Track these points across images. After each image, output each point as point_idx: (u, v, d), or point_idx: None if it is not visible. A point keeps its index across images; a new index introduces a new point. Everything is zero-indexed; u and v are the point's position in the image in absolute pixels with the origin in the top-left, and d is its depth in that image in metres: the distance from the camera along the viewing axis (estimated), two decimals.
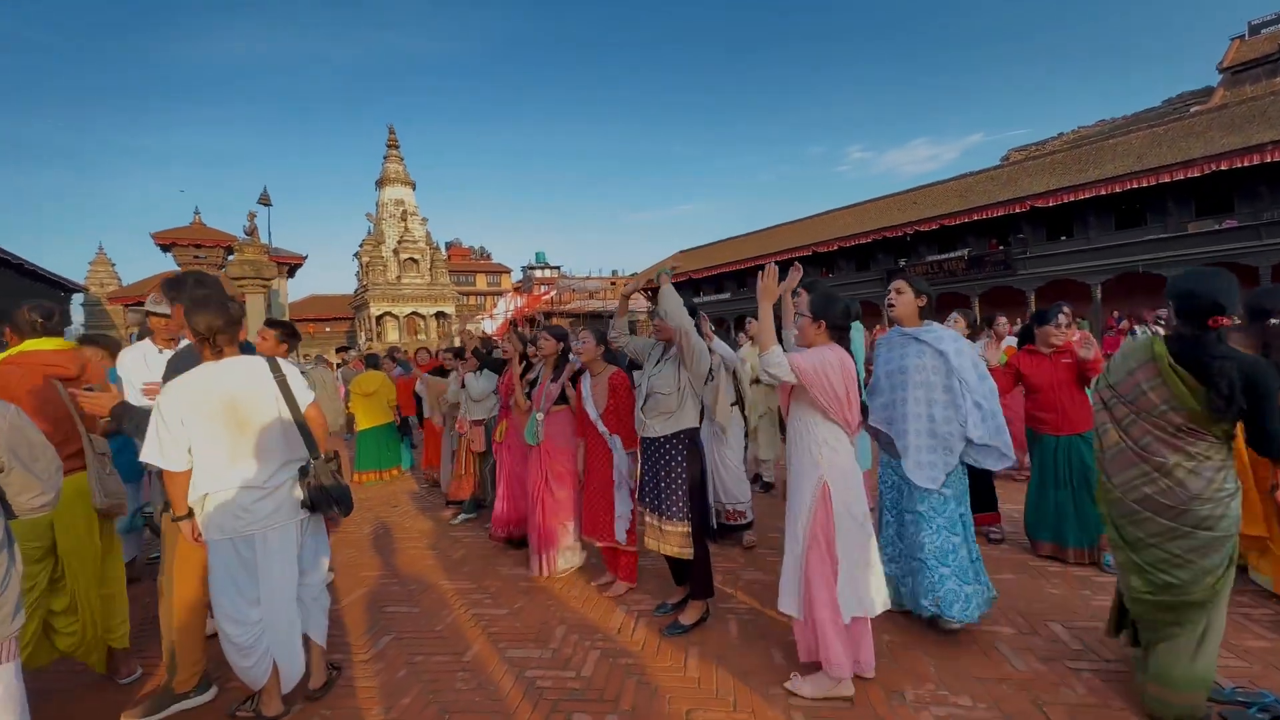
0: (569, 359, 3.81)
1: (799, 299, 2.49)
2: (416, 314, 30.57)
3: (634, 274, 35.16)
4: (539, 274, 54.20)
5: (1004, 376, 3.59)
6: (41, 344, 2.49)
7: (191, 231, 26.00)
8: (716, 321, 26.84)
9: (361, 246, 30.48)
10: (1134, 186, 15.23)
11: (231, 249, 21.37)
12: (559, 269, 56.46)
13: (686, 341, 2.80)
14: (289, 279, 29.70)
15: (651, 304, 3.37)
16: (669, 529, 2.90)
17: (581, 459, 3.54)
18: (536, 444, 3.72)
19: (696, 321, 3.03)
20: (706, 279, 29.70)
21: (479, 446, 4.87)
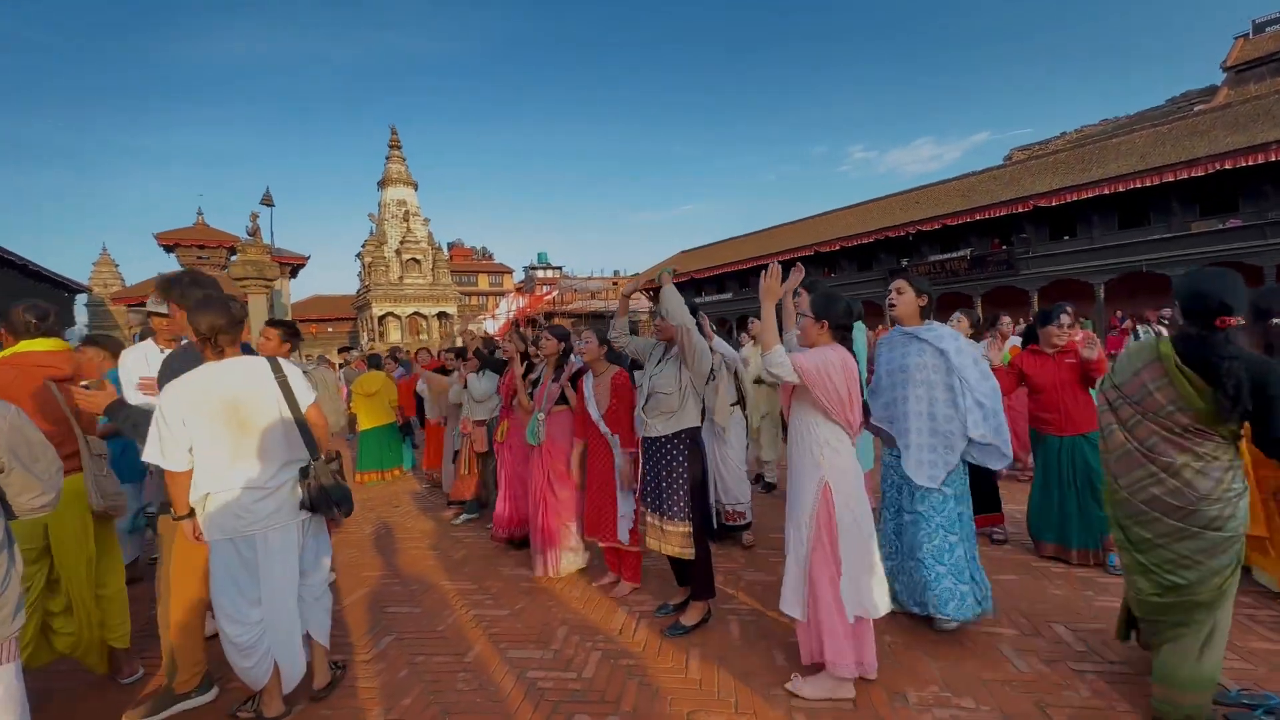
0: (569, 359, 3.81)
1: (799, 299, 2.49)
2: (419, 314, 30.62)
3: (635, 274, 35.18)
4: (541, 274, 54.29)
5: (1007, 376, 3.58)
6: (37, 345, 2.47)
7: (194, 232, 26.10)
8: (719, 321, 26.84)
9: (364, 247, 30.53)
10: (1137, 186, 15.17)
11: (234, 249, 21.45)
12: (561, 269, 56.54)
13: (688, 340, 2.80)
14: (291, 279, 29.80)
15: (653, 304, 3.36)
16: (670, 529, 2.89)
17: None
18: (538, 444, 3.72)
19: (697, 321, 3.02)
20: (708, 279, 29.71)
21: (481, 446, 4.87)
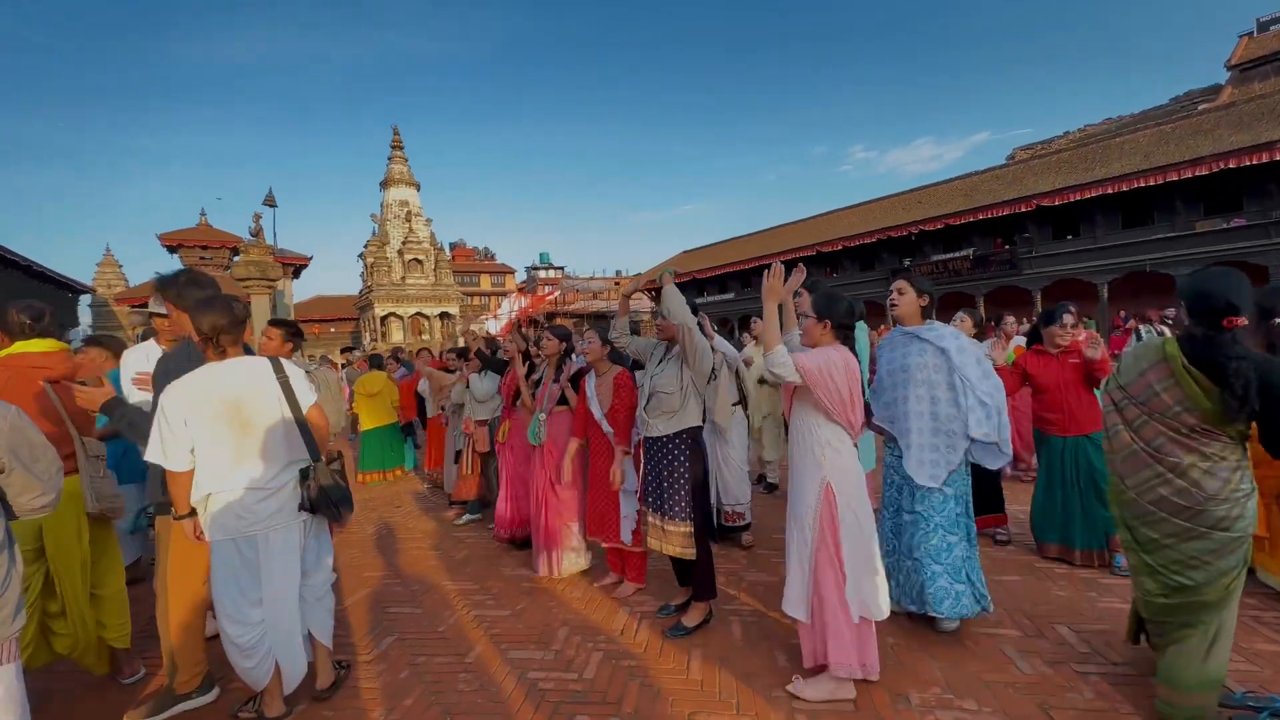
0: (570, 358, 3.81)
1: (800, 299, 2.48)
2: (421, 315, 30.64)
3: (637, 274, 35.18)
4: (543, 275, 54.33)
5: (1010, 376, 3.57)
6: (31, 345, 2.45)
7: (198, 233, 26.12)
8: (720, 321, 26.82)
9: (366, 247, 30.56)
10: (1141, 185, 15.13)
11: (237, 250, 21.48)
12: (563, 270, 56.55)
13: (689, 339, 2.79)
14: (294, 279, 29.82)
15: (655, 304, 3.36)
16: (671, 529, 2.89)
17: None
18: (539, 444, 3.71)
19: (698, 320, 3.02)
20: (710, 279, 29.68)
21: (483, 447, 4.88)
